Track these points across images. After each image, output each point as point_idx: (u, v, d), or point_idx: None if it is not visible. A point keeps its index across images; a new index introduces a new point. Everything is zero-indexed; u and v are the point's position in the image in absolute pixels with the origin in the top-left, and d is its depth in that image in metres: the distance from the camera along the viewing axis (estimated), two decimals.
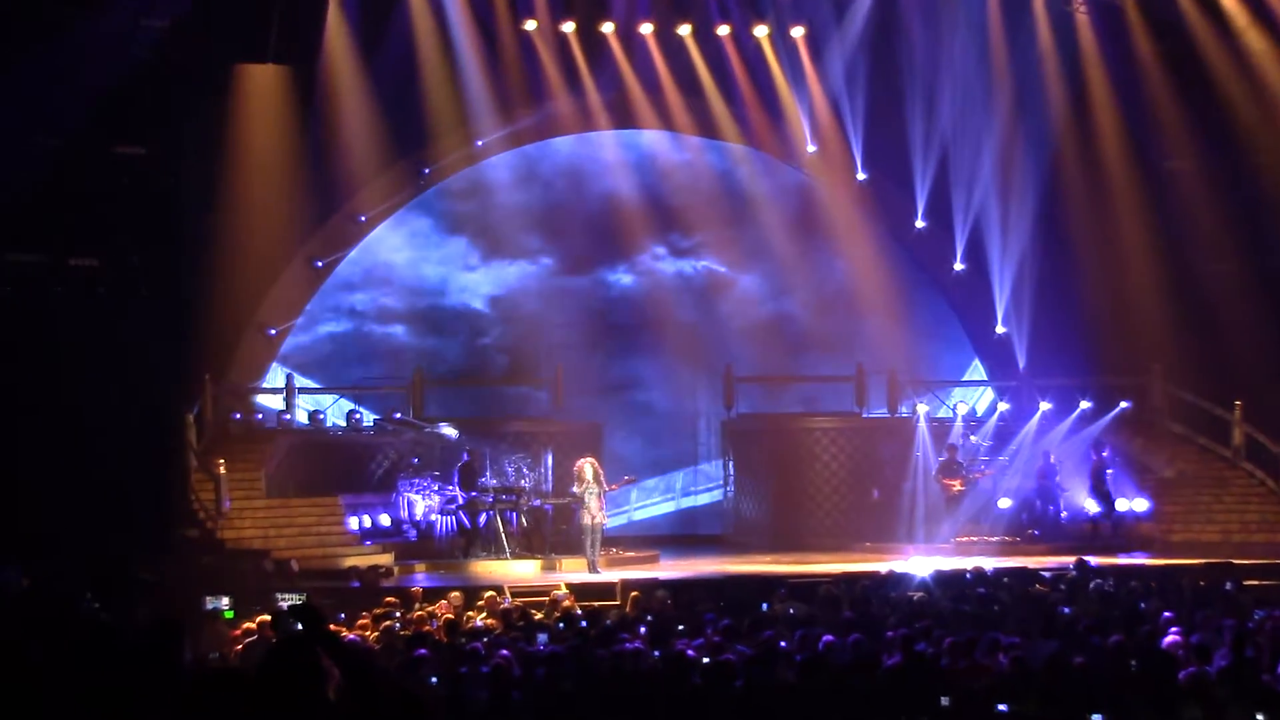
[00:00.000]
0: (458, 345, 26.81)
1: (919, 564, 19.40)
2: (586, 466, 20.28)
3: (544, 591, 17.41)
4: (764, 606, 14.31)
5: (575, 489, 20.53)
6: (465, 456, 22.18)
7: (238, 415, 23.04)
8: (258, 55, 21.55)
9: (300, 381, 24.59)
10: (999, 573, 16.67)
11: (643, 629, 12.23)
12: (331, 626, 10.23)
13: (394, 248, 26.65)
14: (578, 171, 26.79)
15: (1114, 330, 24.83)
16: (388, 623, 13.15)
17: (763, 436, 25.43)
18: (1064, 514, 23.28)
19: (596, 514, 20.27)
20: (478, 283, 27.06)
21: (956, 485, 23.06)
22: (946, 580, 15.98)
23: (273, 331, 25.12)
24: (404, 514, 22.41)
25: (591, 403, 26.48)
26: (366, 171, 24.59)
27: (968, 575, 16.27)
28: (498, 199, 26.58)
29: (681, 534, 26.80)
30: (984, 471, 23.60)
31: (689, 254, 27.51)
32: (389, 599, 15.31)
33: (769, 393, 27.10)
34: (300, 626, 5.83)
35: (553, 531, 22.69)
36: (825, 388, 26.88)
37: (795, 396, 27.30)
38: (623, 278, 27.18)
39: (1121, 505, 23.14)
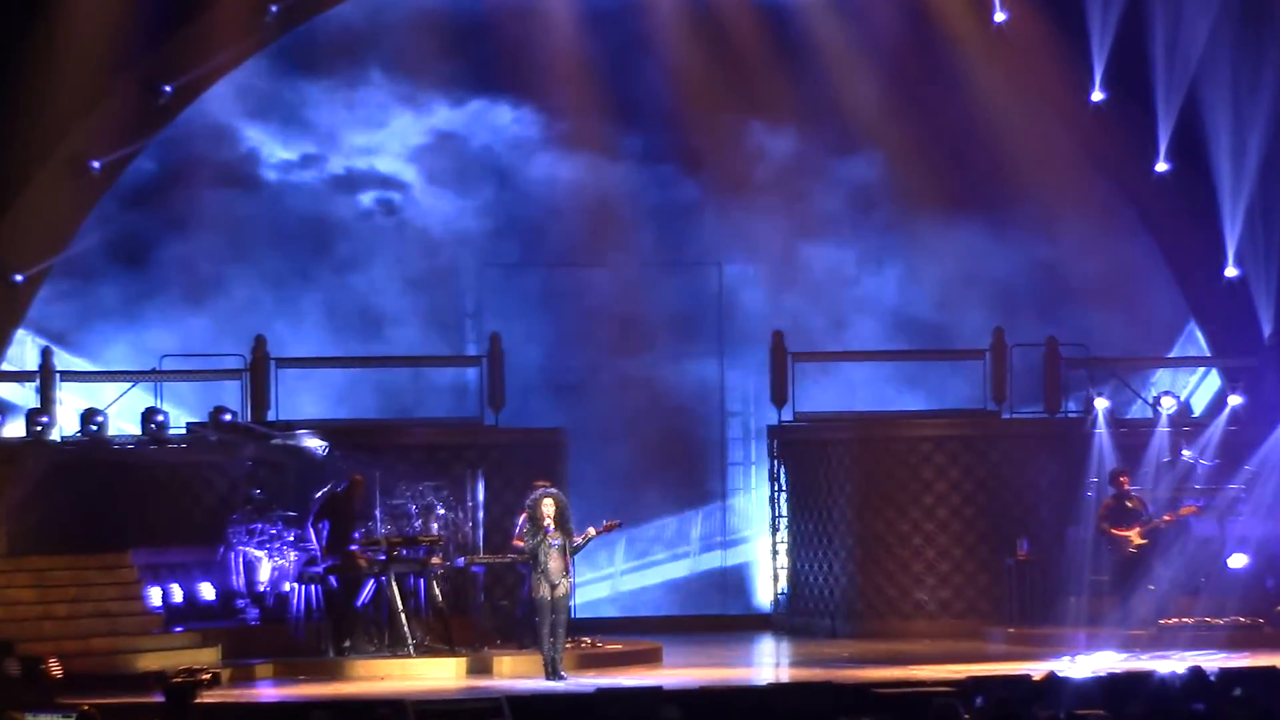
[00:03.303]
0: (326, 295, 26.63)
1: (1094, 663, 19.33)
2: (546, 502, 20.28)
3: (471, 711, 17.12)
4: None
5: (524, 539, 20.54)
6: (340, 486, 22.14)
7: None
8: None
9: (66, 361, 24.71)
10: (1228, 677, 16.30)
11: None
12: None
13: (220, 134, 26.48)
14: (531, 9, 26.53)
15: None
16: None
17: (835, 452, 25.38)
18: None
19: (559, 581, 20.21)
20: (363, 183, 26.98)
21: (1134, 537, 23.11)
22: (1139, 690, 15.74)
23: (20, 278, 24.96)
24: (238, 581, 22.42)
25: (551, 395, 26.35)
26: (178, 13, 24.52)
27: (1176, 683, 15.95)
28: (396, 49, 26.47)
29: (701, 614, 26.75)
30: (1184, 510, 23.40)
31: (713, 141, 27.15)
32: None
33: (845, 379, 26.91)
34: None
35: (486, 610, 22.61)
36: (939, 369, 26.82)
37: (889, 385, 27.02)
38: (600, 180, 26.91)
39: None
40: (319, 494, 22.11)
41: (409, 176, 27.21)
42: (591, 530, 20.85)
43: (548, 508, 20.21)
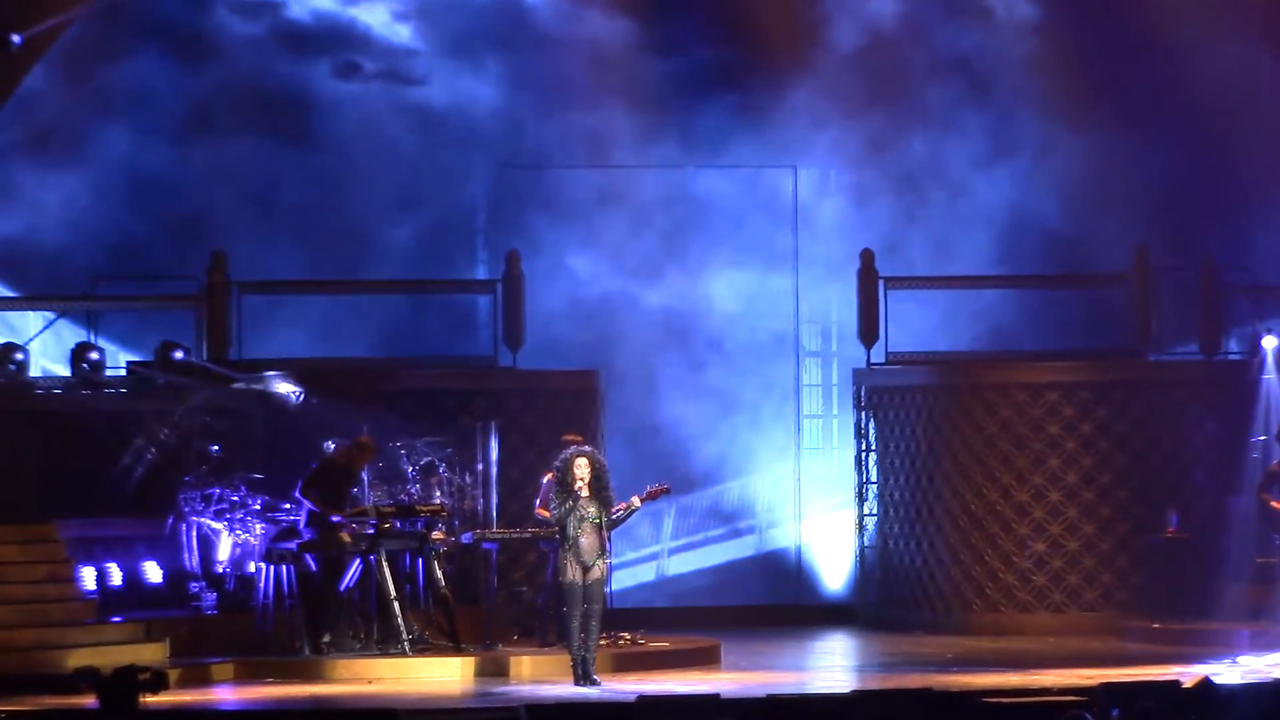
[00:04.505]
0: (301, 200, 26.68)
1: (1259, 666, 19.42)
2: (579, 462, 20.19)
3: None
4: None
5: (550, 509, 20.47)
6: (348, 443, 22.09)
7: None
8: None
9: None
10: None
11: None
12: None
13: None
14: None
15: None
16: None
17: (937, 402, 25.55)
18: None
19: (592, 562, 20.10)
20: (341, 47, 27.13)
21: None
22: None
23: None
24: (191, 560, 22.52)
25: (582, 329, 26.30)
26: None
27: None
28: None
29: (767, 603, 26.93)
30: None
31: (785, 9, 26.72)
32: None
33: (950, 310, 26.89)
34: None
35: (500, 597, 22.48)
36: (1068, 299, 26.77)
37: (1005, 318, 26.89)
38: (647, 58, 26.88)
39: None
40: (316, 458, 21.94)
41: (403, 37, 27.13)
42: (635, 499, 20.48)
43: (581, 470, 19.95)
